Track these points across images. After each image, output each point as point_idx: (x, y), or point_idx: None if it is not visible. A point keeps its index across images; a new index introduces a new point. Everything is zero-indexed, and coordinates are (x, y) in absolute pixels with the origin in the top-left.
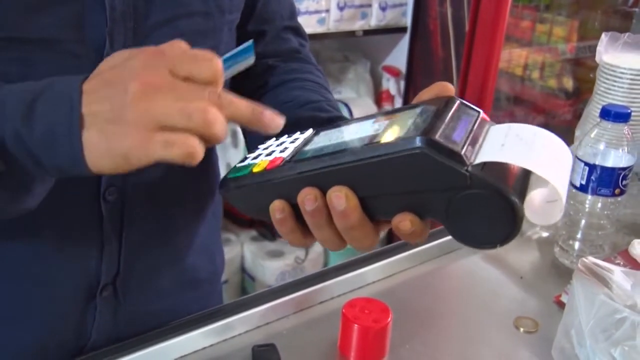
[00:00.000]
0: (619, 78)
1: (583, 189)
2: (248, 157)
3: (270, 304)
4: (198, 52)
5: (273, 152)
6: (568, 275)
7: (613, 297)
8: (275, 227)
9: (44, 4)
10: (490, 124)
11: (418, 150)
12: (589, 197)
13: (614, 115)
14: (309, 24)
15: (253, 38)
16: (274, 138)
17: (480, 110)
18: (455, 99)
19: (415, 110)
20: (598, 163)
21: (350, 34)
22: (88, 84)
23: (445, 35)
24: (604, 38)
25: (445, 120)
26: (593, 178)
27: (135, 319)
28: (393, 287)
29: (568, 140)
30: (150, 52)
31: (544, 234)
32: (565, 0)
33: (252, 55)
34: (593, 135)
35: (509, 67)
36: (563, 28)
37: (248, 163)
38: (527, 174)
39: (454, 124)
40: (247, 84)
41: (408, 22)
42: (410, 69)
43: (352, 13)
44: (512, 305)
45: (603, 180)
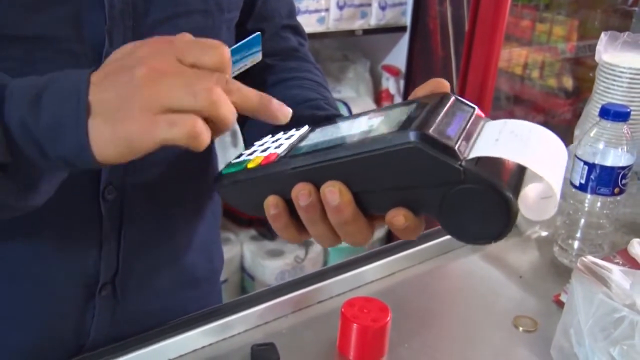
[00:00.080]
0: (619, 77)
1: (582, 188)
2: (243, 153)
3: (270, 303)
4: (205, 40)
5: (268, 148)
6: (567, 275)
7: (612, 296)
8: (270, 222)
9: (43, 3)
10: (486, 120)
11: (411, 145)
12: (588, 196)
13: (614, 115)
14: (309, 23)
15: None
16: (270, 135)
17: (475, 107)
18: (450, 95)
19: (410, 106)
20: (597, 162)
21: (350, 33)
22: (96, 75)
23: (445, 35)
24: (604, 37)
25: (440, 116)
26: (592, 177)
27: (134, 318)
28: (392, 286)
29: (567, 140)
30: (158, 41)
31: (543, 233)
32: (565, 0)
33: (259, 50)
34: (592, 135)
35: (509, 66)
36: (563, 27)
37: (243, 159)
38: (521, 170)
39: (449, 120)
40: (245, 82)
41: (408, 21)
42: (410, 68)
43: (351, 12)
44: (511, 305)
45: (602, 180)
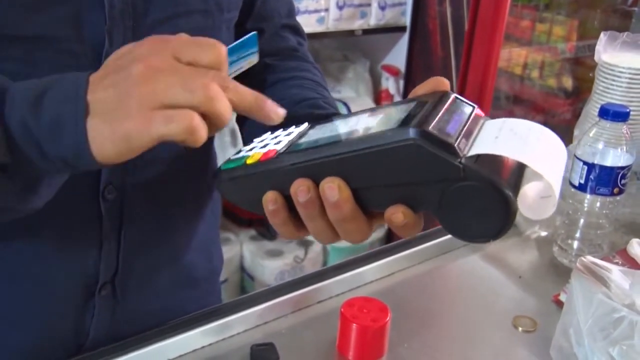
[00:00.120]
0: (618, 77)
1: (582, 188)
2: (242, 149)
3: (269, 303)
4: (202, 38)
5: (267, 144)
6: (567, 275)
7: (611, 296)
8: (268, 218)
9: (43, 3)
10: (485, 119)
11: (411, 142)
12: (588, 196)
13: (613, 115)
14: (308, 23)
15: None
16: (269, 132)
17: (475, 105)
18: (450, 94)
19: (410, 104)
20: (597, 162)
21: (350, 33)
22: (94, 76)
23: (445, 35)
24: (603, 37)
25: (439, 114)
26: (592, 177)
27: (134, 318)
28: (392, 286)
29: (567, 140)
30: (155, 39)
31: (543, 233)
32: (565, 0)
33: (256, 52)
34: (592, 135)
35: (509, 66)
36: (562, 27)
37: (242, 155)
38: (521, 169)
39: (448, 117)
40: (244, 82)
41: (407, 21)
42: (410, 68)
43: (351, 12)
44: (510, 305)
45: (602, 180)
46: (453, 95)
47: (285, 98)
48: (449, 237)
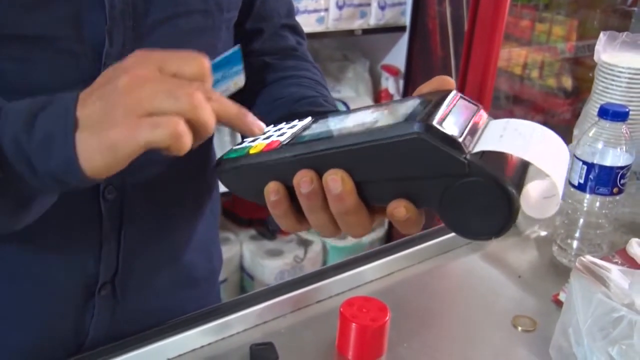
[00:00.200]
0: (617, 77)
1: (581, 188)
2: (245, 140)
3: (268, 303)
4: (186, 52)
5: (271, 136)
6: (566, 274)
7: (610, 295)
8: (269, 209)
9: (43, 2)
10: (489, 119)
11: (416, 135)
12: (587, 196)
13: (612, 114)
14: (308, 23)
15: (251, 36)
16: (272, 125)
17: (480, 105)
18: (455, 93)
19: (415, 101)
20: (596, 162)
21: (349, 33)
22: (84, 93)
23: (444, 34)
24: (602, 37)
25: (445, 110)
26: (591, 177)
27: (134, 318)
28: (391, 285)
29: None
30: (140, 53)
31: (543, 233)
32: (564, 0)
33: (241, 70)
34: (591, 134)
35: (508, 66)
36: (562, 27)
37: (245, 145)
38: (525, 167)
39: (454, 115)
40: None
41: (407, 21)
42: (409, 68)
43: (351, 12)
44: (510, 304)
45: (601, 179)
46: (458, 94)
47: (285, 96)
48: (449, 236)
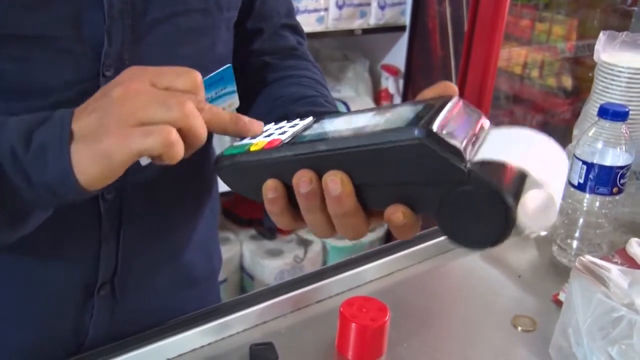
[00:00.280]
0: (617, 77)
1: (581, 188)
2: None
3: (268, 303)
4: (178, 67)
5: (272, 134)
6: (566, 274)
7: (610, 295)
8: (266, 207)
9: (43, 2)
10: (491, 127)
11: (417, 141)
12: (587, 195)
13: (612, 114)
14: (308, 23)
15: (251, 36)
16: (273, 123)
17: (482, 113)
18: (458, 99)
19: (418, 106)
20: (596, 162)
21: (349, 33)
22: (80, 107)
23: (444, 34)
24: (602, 37)
25: (447, 117)
26: (591, 177)
27: (133, 318)
28: (391, 285)
29: (566, 139)
30: (134, 68)
31: (542, 233)
32: None
33: (234, 92)
34: (591, 134)
35: (508, 65)
36: (562, 27)
37: (245, 142)
38: (523, 178)
39: (455, 121)
40: (243, 81)
41: (407, 20)
42: (409, 68)
43: (351, 12)
44: (510, 304)
45: (601, 179)
46: (461, 101)
47: (284, 96)
48: None
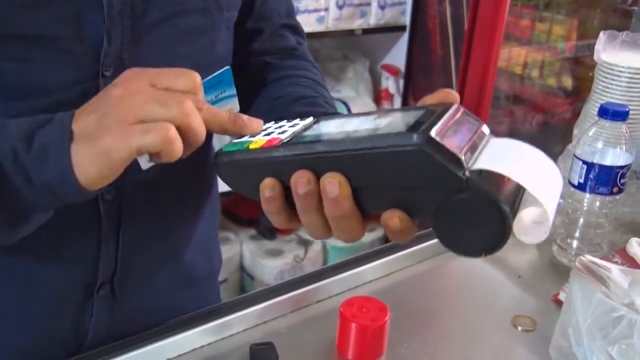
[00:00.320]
0: (617, 76)
1: (581, 188)
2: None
3: (268, 303)
4: (178, 68)
5: (271, 133)
6: (566, 274)
7: (610, 295)
8: (263, 205)
9: (43, 2)
10: (490, 136)
11: (417, 147)
12: (587, 195)
13: (612, 114)
14: (308, 23)
15: (251, 36)
16: (273, 122)
17: (481, 121)
18: (459, 107)
19: (419, 112)
20: (596, 161)
21: (350, 33)
22: (80, 109)
23: (444, 34)
24: (602, 37)
25: (447, 124)
26: (591, 176)
27: (133, 318)
28: (391, 285)
29: (567, 139)
30: (134, 70)
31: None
32: None
33: (234, 95)
34: (591, 134)
35: (508, 65)
36: (562, 27)
37: (245, 140)
38: (519, 191)
39: (455, 129)
40: (243, 81)
41: (407, 20)
42: (410, 68)
43: (351, 12)
44: (510, 304)
45: (601, 179)
46: (462, 109)
47: (283, 96)
48: None
